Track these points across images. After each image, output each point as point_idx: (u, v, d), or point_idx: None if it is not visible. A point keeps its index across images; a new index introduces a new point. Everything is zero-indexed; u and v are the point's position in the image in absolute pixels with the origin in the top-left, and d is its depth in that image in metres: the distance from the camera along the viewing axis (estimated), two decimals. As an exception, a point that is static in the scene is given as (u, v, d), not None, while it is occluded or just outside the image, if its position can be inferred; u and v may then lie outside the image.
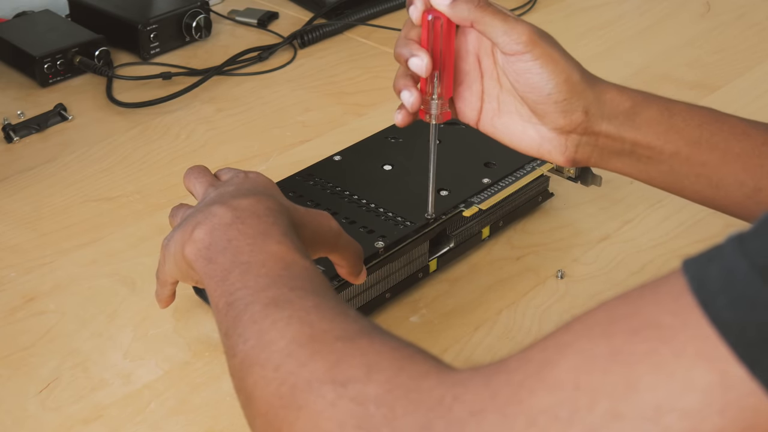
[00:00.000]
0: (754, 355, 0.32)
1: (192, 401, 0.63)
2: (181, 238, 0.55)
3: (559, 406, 0.35)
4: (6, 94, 0.99)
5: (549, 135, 0.61)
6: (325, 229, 0.59)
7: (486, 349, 0.67)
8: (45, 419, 0.61)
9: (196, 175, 0.63)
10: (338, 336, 0.44)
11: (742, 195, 0.60)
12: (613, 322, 0.36)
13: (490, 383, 0.38)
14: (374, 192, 0.74)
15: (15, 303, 0.71)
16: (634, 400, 0.34)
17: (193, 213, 0.56)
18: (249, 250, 0.51)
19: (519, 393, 0.36)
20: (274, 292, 0.48)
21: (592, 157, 0.61)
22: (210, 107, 0.97)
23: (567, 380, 0.35)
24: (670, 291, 0.35)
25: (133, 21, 1.04)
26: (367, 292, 0.69)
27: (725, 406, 0.32)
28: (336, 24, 1.13)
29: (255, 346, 0.45)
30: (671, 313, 0.34)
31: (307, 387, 0.42)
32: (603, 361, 0.35)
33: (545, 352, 0.37)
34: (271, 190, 0.59)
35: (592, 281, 0.74)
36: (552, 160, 0.62)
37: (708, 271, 0.34)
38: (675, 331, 0.34)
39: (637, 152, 0.60)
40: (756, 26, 1.17)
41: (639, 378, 0.34)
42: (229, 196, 0.56)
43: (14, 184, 0.85)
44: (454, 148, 0.79)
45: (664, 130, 0.59)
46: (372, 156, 0.79)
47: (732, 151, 0.59)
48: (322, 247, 0.60)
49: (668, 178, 0.61)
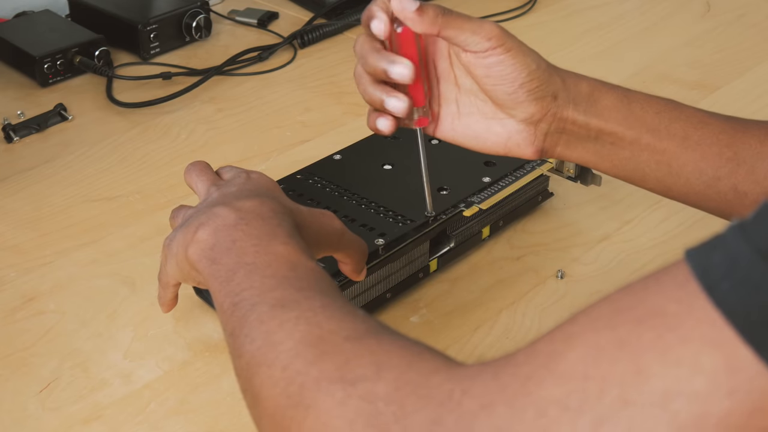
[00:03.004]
0: (759, 337, 0.32)
1: (192, 401, 0.63)
2: (184, 239, 0.54)
3: (569, 396, 0.35)
4: (6, 94, 0.99)
5: (517, 127, 0.61)
6: (328, 229, 0.59)
7: (486, 348, 0.67)
8: (45, 419, 0.61)
9: (198, 173, 0.62)
10: (346, 336, 0.44)
11: (702, 184, 0.61)
12: (618, 312, 0.36)
13: (498, 376, 0.38)
14: (374, 190, 0.74)
15: (15, 303, 0.71)
16: (643, 386, 0.34)
17: (196, 214, 0.56)
18: (254, 251, 0.51)
19: (527, 385, 0.37)
20: (281, 293, 0.48)
21: (559, 146, 0.62)
22: (210, 107, 0.97)
23: (575, 371, 0.36)
24: (674, 279, 0.35)
25: (133, 21, 1.04)
26: (368, 292, 0.69)
27: (733, 388, 0.33)
28: (336, 24, 1.14)
29: (262, 346, 0.45)
30: (676, 300, 0.35)
31: (315, 386, 0.42)
32: (610, 350, 0.35)
33: (552, 344, 0.38)
34: (273, 191, 0.59)
35: (592, 281, 0.74)
36: (520, 153, 0.62)
37: (711, 258, 0.34)
38: (680, 318, 0.34)
39: (601, 138, 0.61)
40: (756, 26, 1.17)
41: (647, 365, 0.34)
42: (232, 197, 0.56)
43: (14, 184, 0.85)
44: (454, 147, 0.80)
45: (623, 117, 0.61)
46: (372, 155, 0.79)
47: (690, 139, 0.61)
48: (325, 247, 0.60)
49: (630, 165, 0.62)
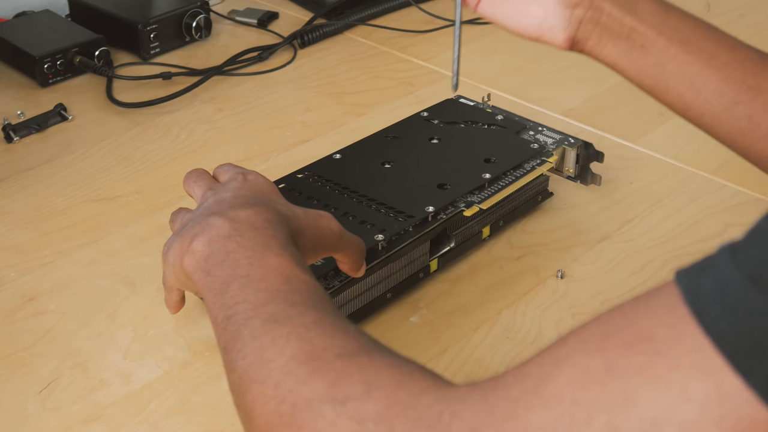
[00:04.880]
0: (748, 365, 0.32)
1: (192, 401, 0.63)
2: (180, 249, 0.54)
3: (557, 422, 0.35)
4: (6, 94, 0.99)
5: (554, 9, 0.63)
6: (325, 232, 0.59)
7: (486, 349, 0.67)
8: (45, 419, 0.61)
9: (195, 179, 0.63)
10: (338, 353, 0.44)
11: (719, 105, 0.62)
12: (607, 335, 0.36)
13: (487, 399, 0.38)
14: (374, 188, 0.74)
15: (15, 303, 0.71)
16: (632, 413, 0.34)
17: (191, 223, 0.55)
18: (248, 264, 0.51)
19: (516, 409, 0.36)
20: (274, 308, 0.47)
21: (591, 39, 0.64)
22: (210, 107, 0.97)
23: (564, 395, 0.35)
24: (663, 303, 0.35)
25: (133, 21, 1.04)
26: (368, 292, 0.69)
27: (722, 417, 0.32)
28: (336, 24, 1.13)
29: (254, 362, 0.45)
30: (665, 325, 0.34)
31: (307, 406, 0.42)
32: (599, 375, 0.35)
33: (541, 367, 0.37)
34: (269, 195, 0.59)
35: (592, 281, 0.74)
36: (552, 38, 0.64)
37: (701, 281, 0.34)
38: (670, 344, 0.34)
39: (632, 38, 0.63)
40: (756, 26, 1.17)
41: (635, 391, 0.34)
42: (227, 206, 0.55)
43: (14, 184, 0.85)
44: (454, 146, 0.80)
45: (658, 21, 0.63)
46: (372, 154, 0.79)
47: (718, 59, 0.62)
48: (323, 250, 0.60)
49: (655, 73, 0.63)
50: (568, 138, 0.82)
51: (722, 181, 0.87)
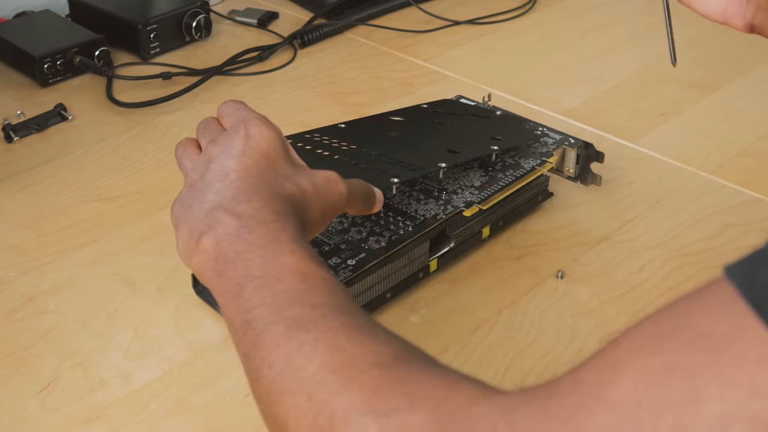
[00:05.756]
0: None
1: (192, 401, 0.63)
2: (187, 247, 0.53)
3: (623, 426, 0.34)
4: (6, 94, 0.99)
5: None
6: (335, 198, 0.57)
7: (486, 348, 0.67)
8: (45, 419, 0.61)
9: (202, 131, 0.60)
10: (373, 362, 0.42)
11: None
12: (664, 335, 0.35)
13: (545, 408, 0.37)
14: (383, 147, 0.73)
15: (15, 303, 0.71)
16: (700, 412, 0.33)
17: (197, 223, 0.53)
18: (261, 263, 0.49)
19: (577, 415, 0.35)
20: (296, 311, 0.46)
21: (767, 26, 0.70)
22: (210, 107, 0.97)
23: (627, 398, 0.35)
24: (718, 299, 0.34)
25: (133, 21, 1.04)
26: (368, 292, 0.69)
27: None
28: (336, 24, 1.14)
29: (282, 372, 0.43)
30: (724, 321, 0.34)
31: (345, 418, 0.40)
32: (661, 375, 0.34)
33: (598, 371, 0.36)
34: (274, 158, 0.56)
35: (592, 281, 0.74)
36: (735, 24, 0.71)
37: (756, 275, 0.33)
38: (732, 339, 0.33)
39: None
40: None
41: (702, 390, 0.33)
42: (231, 195, 0.53)
43: (14, 184, 0.85)
44: (458, 127, 0.80)
45: None
46: (376, 127, 0.79)
47: None
48: (332, 216, 0.58)
49: None
50: (569, 138, 0.82)
51: (722, 181, 0.87)
